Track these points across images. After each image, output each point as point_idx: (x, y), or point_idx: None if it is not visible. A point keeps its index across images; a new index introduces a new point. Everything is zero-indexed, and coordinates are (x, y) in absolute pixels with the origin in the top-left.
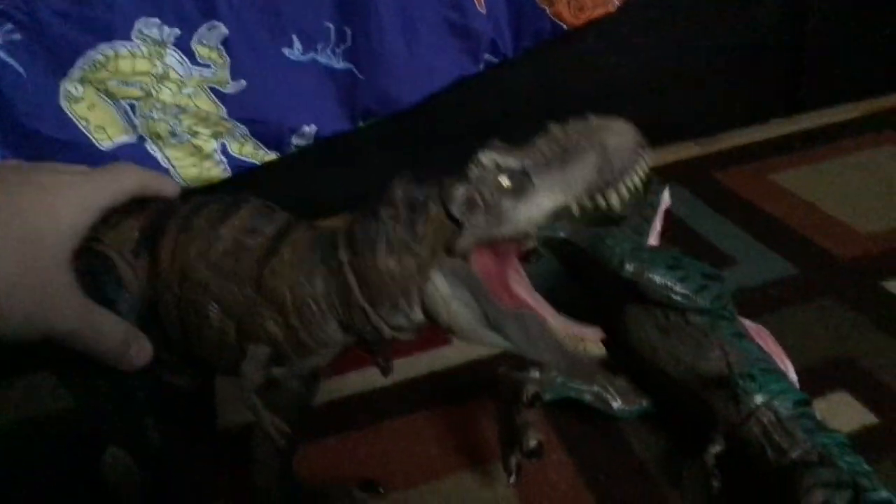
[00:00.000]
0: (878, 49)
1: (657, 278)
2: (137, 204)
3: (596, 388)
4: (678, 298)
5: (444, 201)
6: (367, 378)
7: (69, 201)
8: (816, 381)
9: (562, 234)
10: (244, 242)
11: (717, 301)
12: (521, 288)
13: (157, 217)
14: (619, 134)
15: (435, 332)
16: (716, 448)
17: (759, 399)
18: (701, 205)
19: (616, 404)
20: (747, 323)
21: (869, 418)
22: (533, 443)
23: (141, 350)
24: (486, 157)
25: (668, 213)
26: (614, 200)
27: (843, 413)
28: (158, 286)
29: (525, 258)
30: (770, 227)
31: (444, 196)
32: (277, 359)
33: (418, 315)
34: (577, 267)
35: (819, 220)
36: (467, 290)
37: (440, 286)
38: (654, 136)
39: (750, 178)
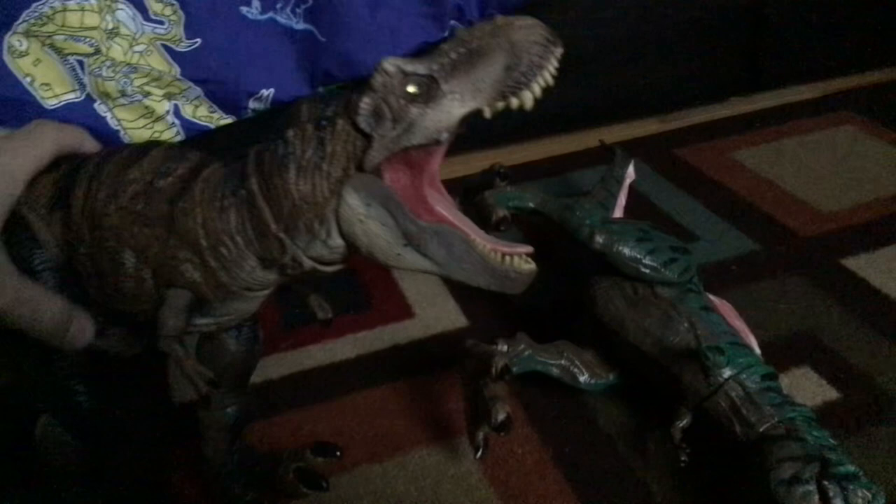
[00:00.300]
0: (837, 30)
1: (626, 251)
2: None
3: (563, 362)
4: (647, 271)
5: (350, 114)
6: (327, 351)
7: None
8: (779, 356)
9: (530, 205)
10: (155, 184)
11: (684, 274)
12: (442, 206)
13: (70, 170)
14: (527, 30)
15: (399, 305)
16: (683, 421)
17: (726, 372)
18: (663, 181)
19: (583, 378)
20: (711, 298)
21: (831, 394)
22: (501, 416)
23: (81, 328)
24: (390, 65)
25: (630, 188)
26: (527, 99)
27: (806, 388)
28: (71, 239)
29: (496, 227)
30: (732, 204)
31: (350, 109)
32: (199, 305)
33: (336, 240)
34: (545, 238)
35: (780, 198)
36: (382, 207)
37: (354, 204)
38: (616, 111)
39: (711, 155)
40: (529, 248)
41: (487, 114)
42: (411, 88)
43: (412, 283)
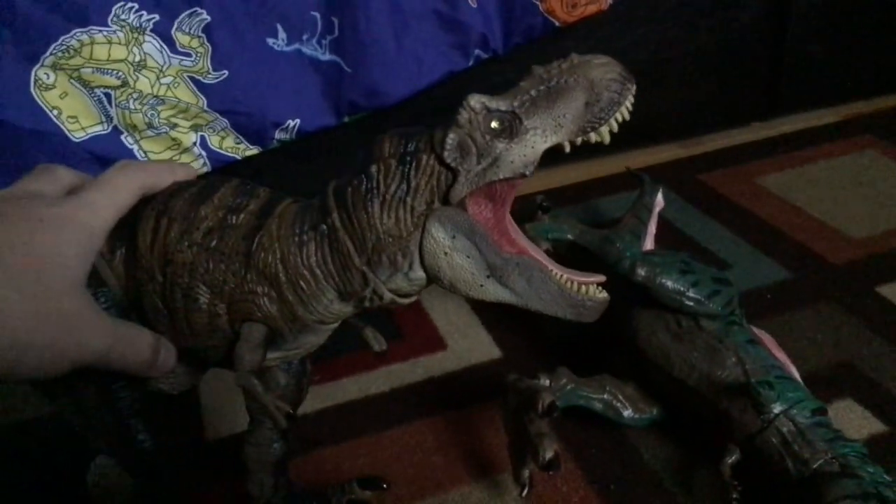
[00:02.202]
0: (856, 54)
1: (669, 283)
2: None
3: (606, 396)
4: (691, 304)
5: (436, 149)
6: (361, 384)
7: (71, 237)
8: (821, 388)
9: (569, 237)
10: (228, 220)
11: (727, 306)
12: (520, 237)
13: (132, 208)
14: (604, 67)
15: (431, 337)
16: (732, 458)
17: (777, 408)
18: (689, 208)
19: (627, 412)
20: (753, 329)
21: (877, 426)
22: (549, 454)
23: (168, 353)
24: (475, 101)
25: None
26: (605, 134)
27: (852, 421)
28: (140, 276)
29: None
30: (761, 231)
31: (436, 144)
32: (272, 339)
33: (418, 273)
34: (578, 269)
35: (809, 224)
36: (467, 240)
37: (439, 237)
38: (638, 136)
39: (736, 180)
40: (602, 278)
41: (567, 148)
42: (495, 124)
43: (442, 314)
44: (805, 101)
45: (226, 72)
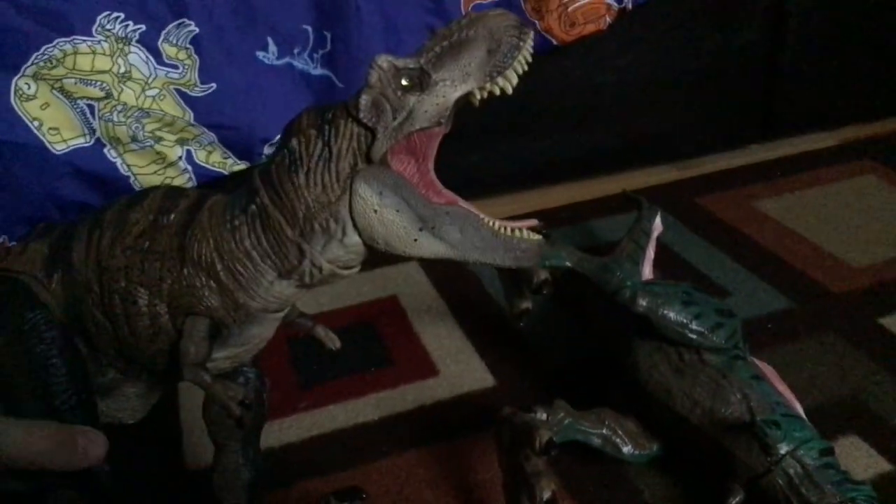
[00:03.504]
0: (852, 78)
1: (672, 315)
2: (44, 228)
3: (605, 431)
4: (694, 337)
5: (352, 112)
6: (349, 412)
7: None
8: (825, 424)
9: (567, 264)
10: (159, 221)
11: (731, 339)
12: (446, 191)
13: (62, 231)
14: (500, 17)
15: (422, 362)
16: (736, 499)
17: (783, 448)
18: (686, 232)
19: (626, 448)
20: (755, 361)
21: (883, 465)
22: (547, 494)
23: (90, 441)
24: (383, 60)
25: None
26: (511, 78)
27: (857, 459)
28: (78, 292)
29: (538, 290)
30: (760, 257)
31: (350, 107)
32: (217, 334)
33: (353, 238)
34: (578, 299)
35: (808, 251)
36: (395, 194)
37: (367, 196)
38: (632, 157)
39: (733, 204)
40: (535, 222)
41: (477, 94)
42: (405, 81)
43: (434, 338)
44: (802, 123)
45: (214, 85)
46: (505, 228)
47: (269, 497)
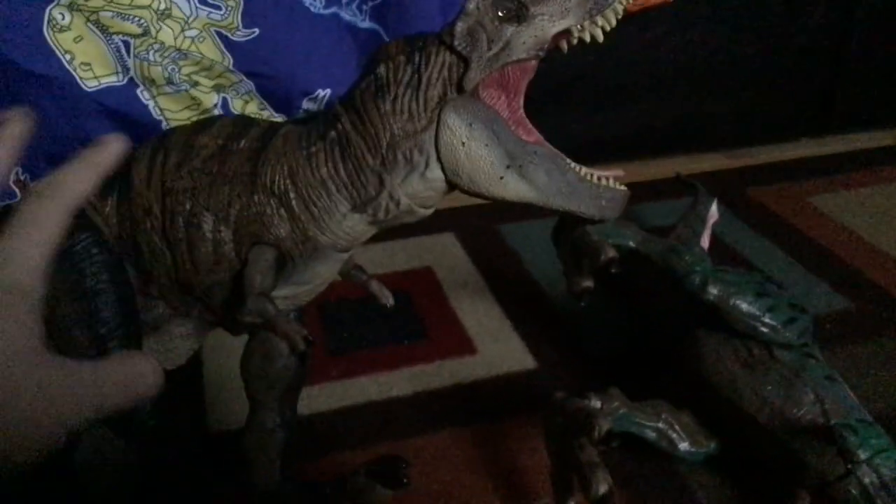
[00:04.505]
0: None
1: (744, 306)
2: None
3: (661, 425)
4: (765, 330)
5: (445, 40)
6: (381, 384)
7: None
8: (890, 432)
9: (631, 244)
10: (228, 146)
11: (803, 336)
12: (534, 130)
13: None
14: None
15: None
16: None
17: (861, 455)
18: (739, 222)
19: (683, 444)
20: None
21: None
22: (603, 488)
23: (148, 370)
24: None
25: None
26: (611, 19)
27: None
28: (136, 214)
29: (605, 268)
30: (816, 254)
31: (444, 35)
32: (282, 264)
33: (436, 171)
34: (628, 284)
35: (865, 251)
36: (485, 127)
37: (456, 127)
38: (684, 141)
39: (787, 198)
40: (621, 172)
41: (576, 33)
42: (502, 12)
43: (472, 314)
44: (859, 120)
45: (257, 30)
46: (592, 175)
47: (297, 465)
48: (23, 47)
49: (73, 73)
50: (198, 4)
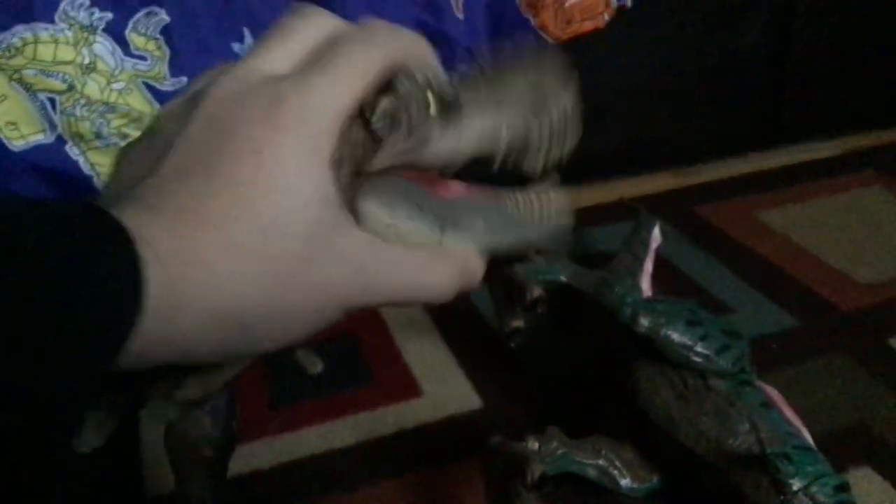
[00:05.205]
0: (860, 84)
1: (676, 336)
2: None
3: (601, 462)
4: (699, 360)
5: (365, 110)
6: (323, 435)
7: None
8: (834, 453)
9: (562, 279)
10: None
11: (738, 363)
12: (450, 182)
13: None
14: (552, 76)
15: (399, 379)
16: None
17: (796, 484)
18: (685, 243)
19: (625, 481)
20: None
21: None
22: None
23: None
24: (421, 75)
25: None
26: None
27: (870, 494)
28: None
29: (531, 308)
30: (763, 272)
31: (365, 107)
32: None
33: None
34: (574, 317)
35: (814, 266)
36: (404, 201)
37: (373, 213)
38: (629, 163)
39: (734, 214)
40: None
41: (500, 153)
42: (434, 107)
43: (417, 355)
44: (805, 131)
45: (185, 78)
46: (532, 200)
47: None
48: None
49: None
50: (123, 57)
